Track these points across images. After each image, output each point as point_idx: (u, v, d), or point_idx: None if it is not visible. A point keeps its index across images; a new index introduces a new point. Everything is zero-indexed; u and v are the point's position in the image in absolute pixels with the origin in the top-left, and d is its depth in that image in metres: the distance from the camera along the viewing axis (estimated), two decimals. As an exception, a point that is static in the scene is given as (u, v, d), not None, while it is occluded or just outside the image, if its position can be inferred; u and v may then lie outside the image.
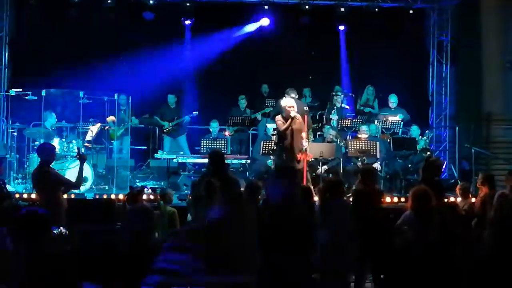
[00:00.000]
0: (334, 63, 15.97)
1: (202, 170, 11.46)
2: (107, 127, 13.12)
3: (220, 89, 15.49)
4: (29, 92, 12.42)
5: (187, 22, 15.76)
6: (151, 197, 10.46)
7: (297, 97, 11.76)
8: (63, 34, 14.81)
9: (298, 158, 10.58)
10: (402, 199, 10.89)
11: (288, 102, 10.56)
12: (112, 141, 13.42)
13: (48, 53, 14.57)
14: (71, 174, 11.19)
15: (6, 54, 14.97)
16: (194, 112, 14.25)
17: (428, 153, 12.94)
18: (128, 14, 15.51)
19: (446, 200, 8.91)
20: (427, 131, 14.26)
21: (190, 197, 7.99)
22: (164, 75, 14.91)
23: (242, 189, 8.04)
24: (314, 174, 11.78)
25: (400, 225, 7.13)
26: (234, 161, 12.91)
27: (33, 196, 10.13)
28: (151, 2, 15.34)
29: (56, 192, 7.59)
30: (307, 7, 15.54)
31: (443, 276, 6.06)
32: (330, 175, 11.58)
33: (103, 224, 7.40)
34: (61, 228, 5.41)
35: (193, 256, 5.25)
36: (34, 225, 4.47)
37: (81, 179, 8.04)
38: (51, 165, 7.77)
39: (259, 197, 6.85)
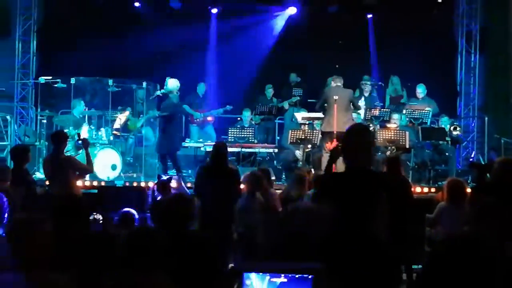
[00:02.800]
0: (362, 52, 15.82)
1: (230, 158, 11.45)
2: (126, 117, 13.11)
3: (247, 78, 15.45)
4: (58, 80, 12.51)
5: (214, 10, 15.73)
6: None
7: (342, 84, 11.57)
8: (91, 22, 14.84)
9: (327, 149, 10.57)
10: (433, 190, 10.80)
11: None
12: (131, 132, 13.43)
13: (76, 41, 14.59)
14: (98, 162, 11.32)
15: (35, 42, 15.04)
16: (228, 106, 14.21)
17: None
18: (155, 2, 15.50)
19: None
20: (455, 122, 14.09)
21: None
22: (191, 64, 14.90)
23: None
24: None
25: (436, 217, 7.06)
26: (262, 150, 12.89)
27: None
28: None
29: (71, 179, 7.69)
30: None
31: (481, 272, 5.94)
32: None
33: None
34: (95, 213, 5.42)
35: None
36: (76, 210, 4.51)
37: (91, 163, 8.13)
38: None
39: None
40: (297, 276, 3.65)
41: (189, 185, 10.40)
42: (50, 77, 12.63)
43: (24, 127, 13.41)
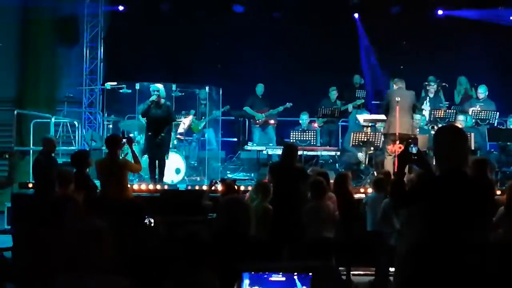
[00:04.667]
0: (427, 52, 15.56)
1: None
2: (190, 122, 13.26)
3: (311, 80, 15.42)
4: (123, 86, 12.79)
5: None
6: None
7: (404, 86, 11.47)
8: (156, 28, 15.10)
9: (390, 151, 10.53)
10: (498, 192, 10.53)
11: None
12: (194, 134, 13.58)
13: (141, 47, 14.89)
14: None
15: (102, 48, 15.41)
16: (287, 103, 14.13)
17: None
18: (217, 7, 15.65)
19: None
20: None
21: None
22: (254, 66, 14.99)
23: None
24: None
25: (497, 220, 6.89)
26: (324, 153, 12.84)
27: (135, 187, 10.45)
28: (241, -5, 15.42)
29: (126, 183, 7.84)
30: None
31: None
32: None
33: (192, 215, 7.49)
34: (148, 218, 5.51)
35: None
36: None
37: (138, 160, 8.24)
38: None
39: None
40: (295, 275, 3.64)
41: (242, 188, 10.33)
42: (115, 83, 12.92)
43: (91, 132, 13.75)
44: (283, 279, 3.66)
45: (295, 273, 3.62)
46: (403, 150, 4.72)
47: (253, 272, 3.62)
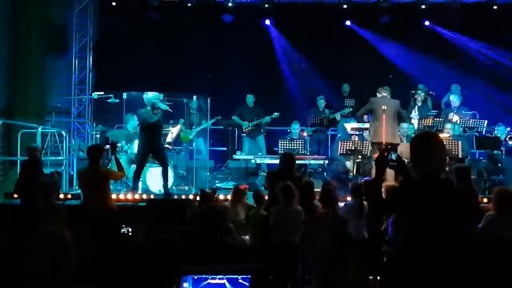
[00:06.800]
0: (415, 60, 15.58)
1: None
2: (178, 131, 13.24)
3: (299, 90, 15.45)
4: (111, 95, 12.77)
5: (267, 22, 15.80)
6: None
7: (389, 96, 11.47)
8: (144, 38, 15.12)
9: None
10: (485, 200, 10.54)
11: None
12: (183, 143, 13.56)
13: (130, 56, 14.88)
14: (150, 175, 11.52)
15: (91, 58, 15.38)
16: (275, 113, 14.09)
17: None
18: (206, 16, 15.68)
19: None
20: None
21: None
22: (243, 76, 15.00)
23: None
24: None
25: (484, 226, 6.90)
26: (312, 161, 12.82)
27: (121, 196, 10.45)
28: (230, 4, 15.46)
29: (108, 192, 7.83)
30: (386, 5, 15.28)
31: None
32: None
33: (177, 224, 7.46)
34: (126, 227, 5.49)
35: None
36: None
37: (122, 167, 8.24)
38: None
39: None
40: (237, 277, 3.63)
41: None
42: (103, 92, 12.91)
43: (79, 142, 13.72)
44: (224, 281, 3.65)
45: (236, 276, 3.61)
46: (380, 156, 4.66)
47: (194, 275, 3.61)
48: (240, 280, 3.67)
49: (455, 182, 7.30)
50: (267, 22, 15.85)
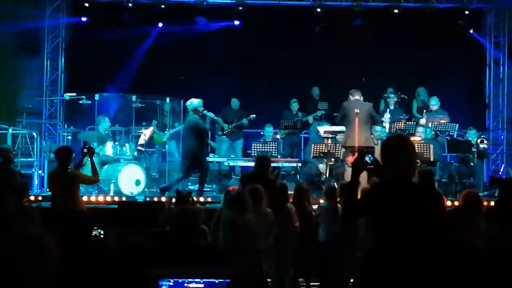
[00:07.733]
0: (386, 64, 15.65)
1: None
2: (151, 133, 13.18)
3: (273, 93, 15.46)
4: (83, 97, 12.67)
5: (236, 22, 15.77)
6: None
7: (361, 98, 11.50)
8: (117, 39, 14.99)
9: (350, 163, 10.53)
10: (456, 203, 10.63)
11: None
12: (156, 145, 13.51)
13: (102, 58, 14.77)
14: (122, 178, 11.45)
15: (63, 59, 15.26)
16: (251, 116, 14.09)
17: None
18: (180, 18, 15.59)
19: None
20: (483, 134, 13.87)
21: None
22: (217, 78, 14.99)
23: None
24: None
25: (451, 230, 6.94)
26: (285, 164, 12.85)
27: (93, 199, 10.40)
28: (204, 3, 15.28)
29: (77, 194, 7.76)
30: (359, 9, 15.32)
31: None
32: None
33: (149, 227, 7.42)
34: (98, 230, 5.44)
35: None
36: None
37: (97, 172, 8.19)
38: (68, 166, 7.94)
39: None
40: (214, 281, 3.63)
41: (209, 199, 10.47)
42: (75, 94, 12.80)
43: (50, 143, 13.59)
44: (202, 285, 3.64)
45: (214, 279, 3.61)
46: (357, 158, 4.66)
47: (171, 279, 3.59)
48: (216, 284, 3.66)
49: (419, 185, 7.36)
50: (236, 22, 15.75)
